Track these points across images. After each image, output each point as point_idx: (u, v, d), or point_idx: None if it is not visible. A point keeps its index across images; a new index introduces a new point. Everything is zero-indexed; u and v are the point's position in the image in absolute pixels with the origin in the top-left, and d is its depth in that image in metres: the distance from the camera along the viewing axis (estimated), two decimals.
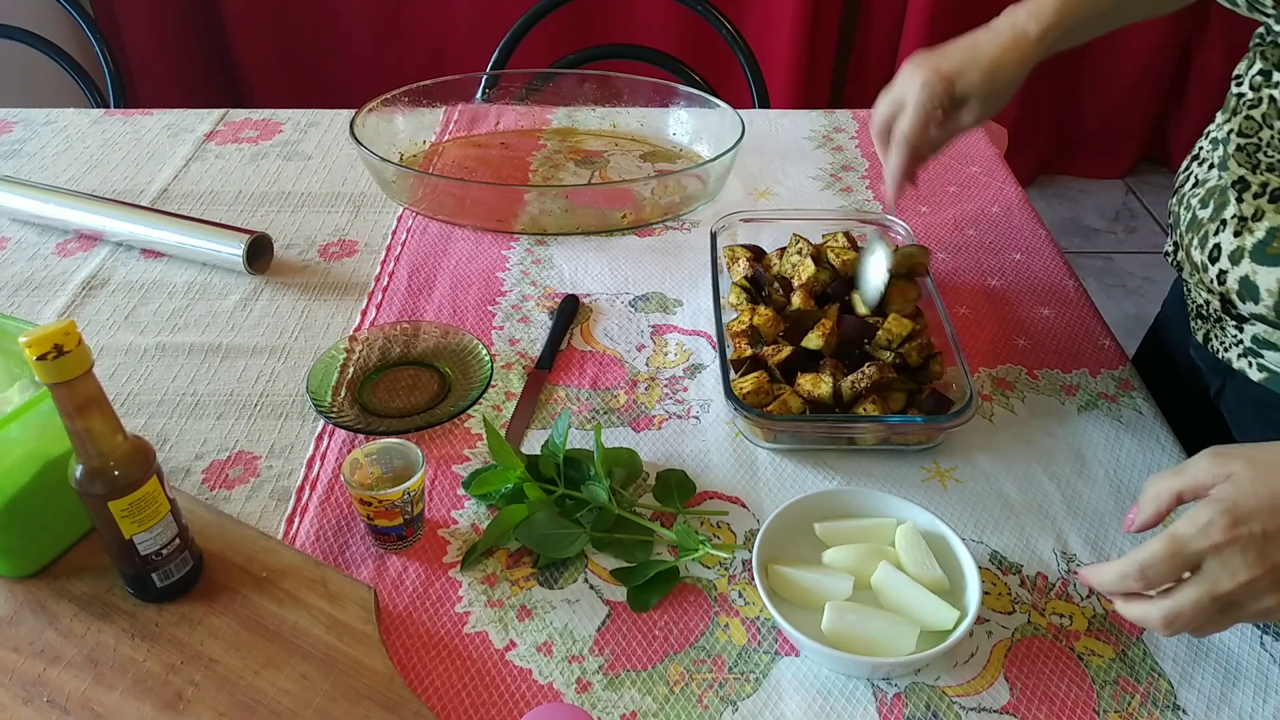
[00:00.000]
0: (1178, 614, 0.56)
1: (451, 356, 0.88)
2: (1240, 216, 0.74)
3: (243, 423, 0.82)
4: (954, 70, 0.78)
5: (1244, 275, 0.73)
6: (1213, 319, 0.82)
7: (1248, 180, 0.74)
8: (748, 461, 0.78)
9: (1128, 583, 0.57)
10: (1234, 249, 0.74)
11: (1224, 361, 0.81)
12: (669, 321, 0.94)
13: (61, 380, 0.55)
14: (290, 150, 1.26)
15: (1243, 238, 0.74)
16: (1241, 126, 0.76)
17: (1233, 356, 0.80)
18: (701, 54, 1.82)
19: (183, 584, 0.66)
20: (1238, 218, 0.74)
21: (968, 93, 0.79)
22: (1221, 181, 0.77)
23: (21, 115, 1.35)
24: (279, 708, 0.59)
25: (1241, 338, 0.79)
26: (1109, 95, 2.70)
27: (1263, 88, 0.74)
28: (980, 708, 0.60)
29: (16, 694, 0.60)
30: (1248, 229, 0.73)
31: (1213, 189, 0.78)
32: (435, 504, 0.75)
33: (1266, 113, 0.73)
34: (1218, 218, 0.76)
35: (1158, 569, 0.56)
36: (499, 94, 1.33)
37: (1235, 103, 0.77)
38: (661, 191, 1.11)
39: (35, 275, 1.01)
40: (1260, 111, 0.74)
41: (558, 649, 0.64)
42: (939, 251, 1.04)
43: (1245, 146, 0.75)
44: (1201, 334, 0.84)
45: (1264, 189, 0.73)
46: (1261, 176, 0.73)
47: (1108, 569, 0.58)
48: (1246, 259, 0.73)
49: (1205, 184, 0.79)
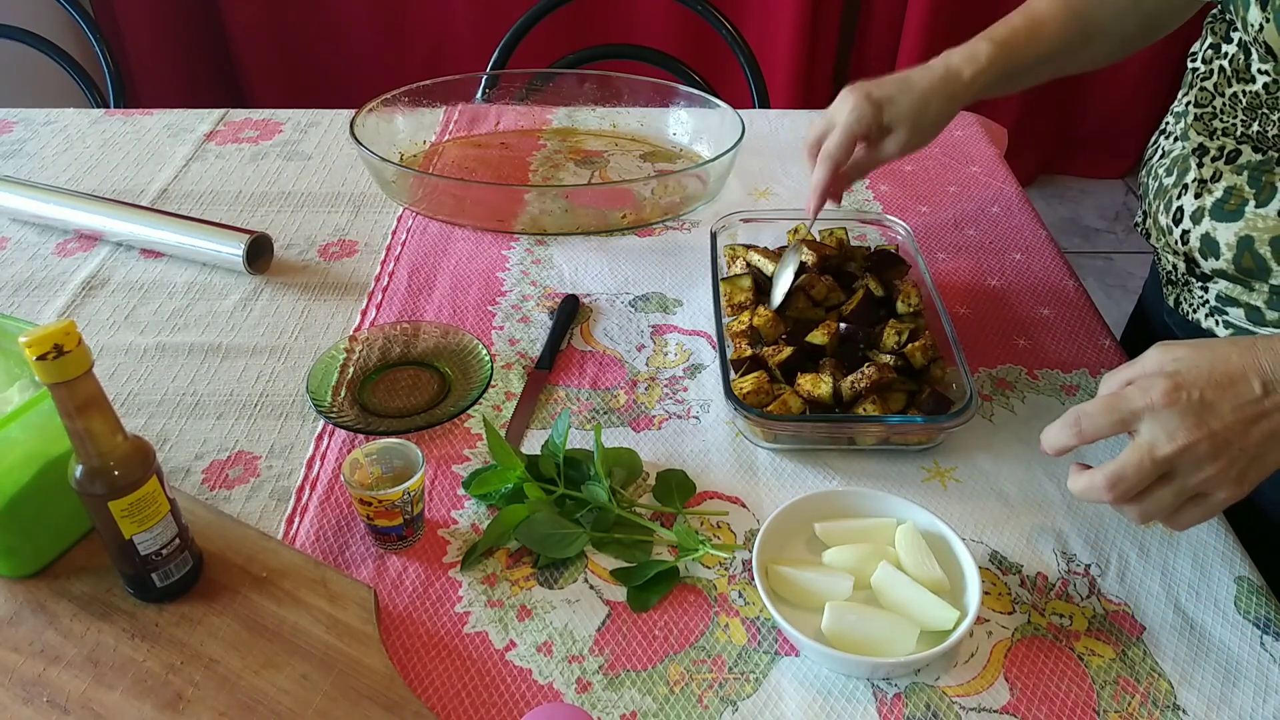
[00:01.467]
0: (1120, 476, 0.58)
1: (451, 356, 0.88)
2: (1200, 179, 0.80)
3: (243, 423, 0.82)
4: (885, 97, 0.83)
5: (1204, 233, 0.79)
6: (1180, 282, 0.87)
7: (1206, 146, 0.80)
8: (748, 461, 0.78)
9: (1066, 433, 0.60)
10: (1195, 209, 0.80)
11: (1194, 323, 0.85)
12: (669, 321, 0.94)
13: (61, 380, 0.55)
14: (290, 150, 1.26)
15: (1203, 198, 0.79)
16: (1197, 98, 0.82)
17: (1200, 317, 0.84)
18: (701, 54, 1.82)
19: (183, 584, 0.65)
20: (1198, 180, 0.80)
21: (895, 121, 0.84)
22: (1183, 150, 0.83)
23: (21, 115, 1.35)
24: (279, 708, 0.59)
25: (1207, 297, 0.83)
26: (1109, 95, 2.70)
27: (1213, 59, 0.80)
28: (980, 708, 0.60)
29: (16, 694, 0.60)
30: (1207, 190, 0.79)
31: (1176, 158, 0.84)
32: (435, 504, 0.75)
33: (1218, 81, 0.79)
34: (1180, 183, 0.82)
35: (1094, 419, 0.59)
36: (499, 94, 1.33)
37: (1191, 77, 0.84)
38: (661, 191, 1.11)
39: (35, 275, 1.01)
40: (1212, 81, 0.80)
41: (558, 649, 0.64)
42: (939, 251, 1.04)
43: (1202, 115, 0.81)
44: (1172, 299, 0.89)
45: (1221, 152, 0.79)
46: (1218, 141, 0.79)
47: (1052, 426, 0.62)
48: (1206, 217, 0.78)
49: (1170, 154, 0.85)
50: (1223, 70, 0.79)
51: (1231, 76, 0.77)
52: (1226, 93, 0.78)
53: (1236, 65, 0.77)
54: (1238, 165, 0.77)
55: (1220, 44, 0.79)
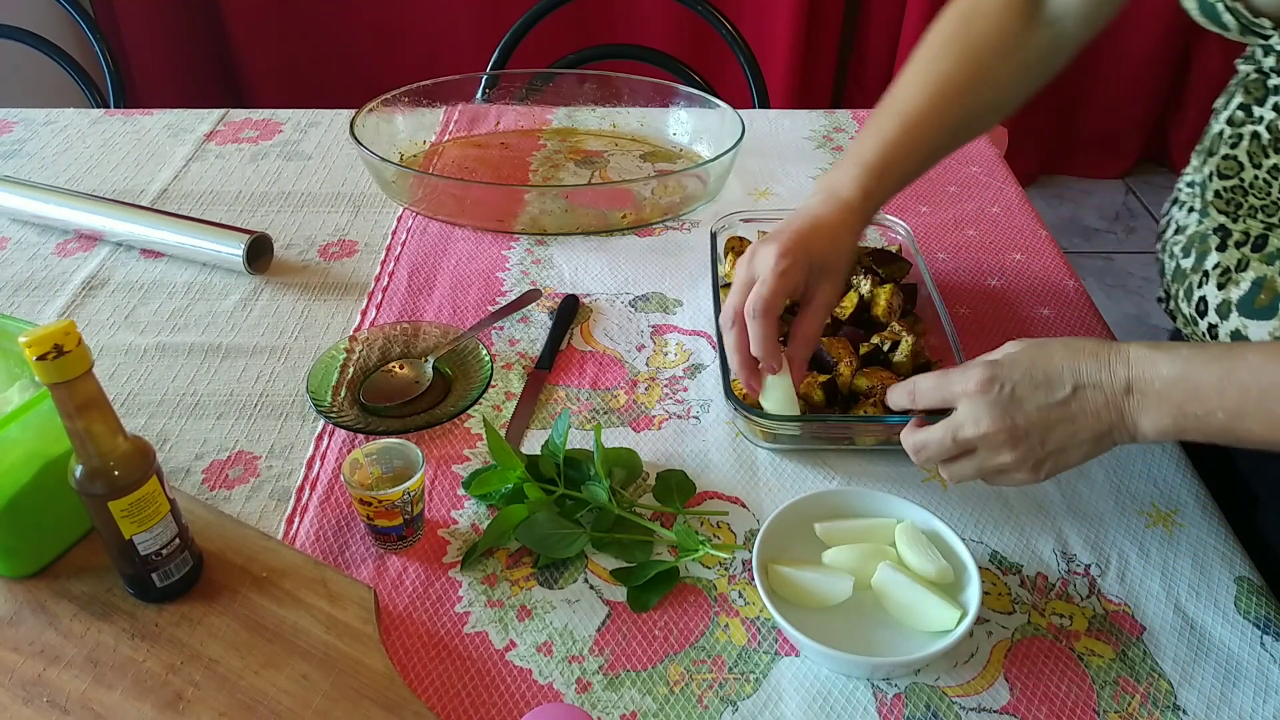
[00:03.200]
0: (924, 444, 0.65)
1: (451, 356, 0.88)
2: (1223, 267, 0.72)
3: (243, 423, 0.82)
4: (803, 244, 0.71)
5: (1234, 329, 0.71)
6: None
7: (1228, 228, 0.72)
8: (748, 461, 0.78)
9: (903, 398, 0.68)
10: (1220, 302, 0.72)
11: None
12: (669, 321, 0.94)
13: (61, 380, 0.55)
14: (290, 150, 1.26)
15: (1228, 290, 0.72)
16: (1220, 167, 0.72)
17: None
18: (701, 54, 1.82)
19: (183, 584, 0.65)
20: (1220, 268, 0.72)
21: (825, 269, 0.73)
22: (1201, 228, 0.75)
23: (21, 115, 1.35)
24: (279, 708, 0.59)
25: None
26: (1109, 95, 2.70)
27: (1244, 123, 0.70)
28: (980, 708, 0.60)
29: (16, 694, 0.60)
30: (1232, 280, 0.71)
31: (1193, 236, 0.76)
32: (435, 504, 0.75)
33: (1251, 150, 0.69)
34: (1200, 268, 0.74)
35: (925, 392, 0.66)
36: (499, 94, 1.33)
37: (1213, 142, 0.73)
38: (661, 191, 1.11)
39: (35, 275, 1.01)
40: (1243, 149, 0.70)
41: (558, 649, 0.64)
42: (939, 251, 1.04)
43: (1225, 191, 0.72)
44: None
45: (1246, 237, 0.71)
46: (1243, 224, 0.71)
47: (896, 386, 0.69)
48: (1234, 313, 0.71)
49: (1185, 230, 0.77)
50: (1257, 138, 0.68)
51: (1269, 146, 0.68)
52: (1264, 164, 0.68)
53: (1275, 132, 0.67)
54: (1266, 254, 0.69)
55: (1252, 106, 0.69)
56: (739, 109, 1.18)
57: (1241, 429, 0.57)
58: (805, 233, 0.72)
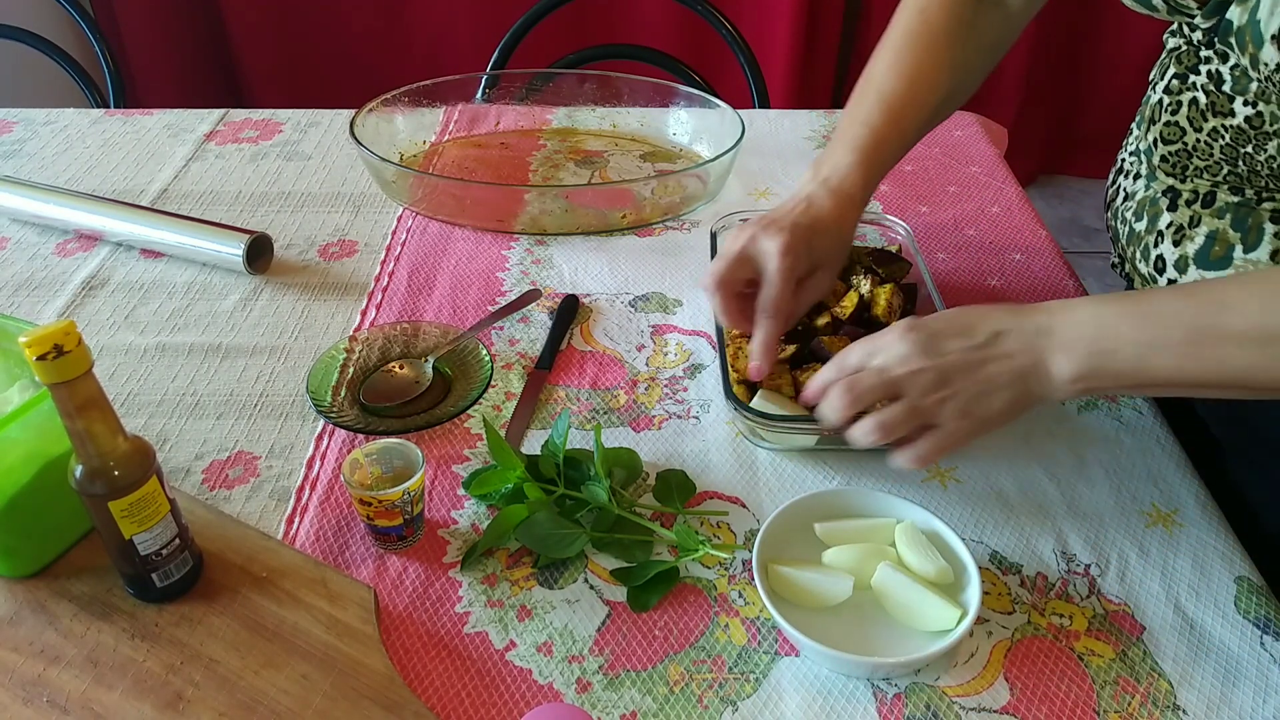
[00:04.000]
0: (853, 383, 0.65)
1: (451, 356, 0.88)
2: (1176, 225, 0.75)
3: (243, 423, 0.82)
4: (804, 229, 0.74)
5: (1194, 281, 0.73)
6: None
7: (1177, 189, 0.75)
8: (748, 461, 0.78)
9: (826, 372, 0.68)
10: (1178, 258, 0.75)
11: None
12: (669, 321, 0.94)
13: (61, 380, 0.55)
14: (290, 150, 1.26)
15: (1183, 246, 0.74)
16: (1163, 134, 0.76)
17: None
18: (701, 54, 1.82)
19: (183, 584, 0.65)
20: (1174, 226, 0.75)
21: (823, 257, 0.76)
22: (1150, 192, 0.78)
23: (21, 115, 1.35)
24: (279, 708, 0.59)
25: None
26: (1109, 95, 2.70)
27: (1181, 91, 0.74)
28: (980, 708, 0.60)
29: (16, 694, 0.60)
30: (1187, 237, 0.74)
31: (1142, 200, 0.79)
32: (435, 504, 0.75)
33: (1191, 115, 0.73)
34: (1153, 229, 0.77)
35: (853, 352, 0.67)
36: (499, 94, 1.33)
37: (1153, 110, 0.77)
38: (661, 191, 1.11)
39: (35, 275, 1.01)
40: (1183, 115, 0.74)
41: (558, 649, 0.64)
42: (939, 251, 1.04)
43: (1170, 155, 0.75)
44: None
45: (1195, 195, 0.74)
46: (1190, 184, 0.74)
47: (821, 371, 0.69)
48: (1192, 267, 0.74)
49: (1134, 196, 0.80)
50: (1195, 104, 0.72)
51: (1207, 110, 0.71)
52: (1204, 127, 0.71)
53: (1212, 97, 0.70)
54: (1216, 209, 0.72)
55: (1187, 74, 0.73)
56: (739, 109, 1.18)
57: (1154, 365, 0.59)
58: (807, 229, 0.74)
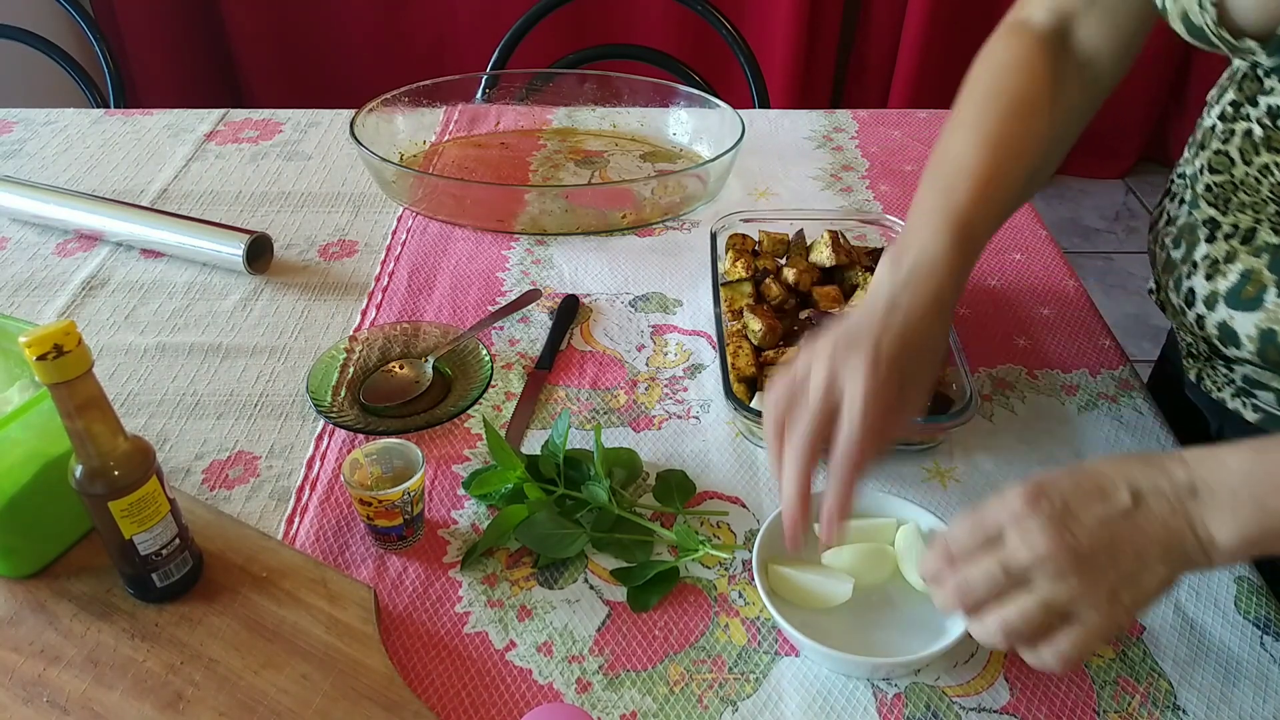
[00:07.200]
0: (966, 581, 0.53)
1: (451, 356, 0.88)
2: (1212, 259, 0.70)
3: (243, 423, 0.82)
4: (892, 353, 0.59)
5: (1221, 320, 0.70)
6: (1203, 358, 0.79)
7: (1217, 220, 0.70)
8: (748, 461, 0.78)
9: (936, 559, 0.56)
10: (1208, 294, 0.70)
11: (1218, 401, 0.78)
12: (669, 321, 0.94)
13: (61, 380, 0.55)
14: (290, 150, 1.26)
15: (1215, 281, 0.70)
16: (1211, 162, 0.70)
17: (1226, 396, 0.77)
18: (701, 54, 1.82)
19: (183, 584, 0.65)
20: (1209, 259, 0.71)
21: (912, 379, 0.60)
22: (1191, 219, 0.73)
23: (21, 115, 1.35)
24: (279, 708, 0.59)
25: (1233, 377, 0.76)
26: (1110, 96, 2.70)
27: (1236, 120, 0.68)
28: (980, 708, 0.60)
29: (16, 694, 0.60)
30: (1220, 272, 0.69)
31: (1183, 227, 0.74)
32: (435, 504, 0.75)
33: (1242, 147, 0.67)
34: (1189, 259, 0.73)
35: (959, 537, 0.55)
36: (499, 94, 1.33)
37: (1205, 135, 0.72)
38: (661, 191, 1.11)
39: (35, 275, 1.01)
40: (1234, 146, 0.68)
41: (558, 649, 0.64)
42: None
43: (1215, 185, 0.70)
44: (1194, 373, 0.80)
45: (1235, 229, 0.69)
46: (1232, 217, 0.69)
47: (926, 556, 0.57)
48: (1221, 304, 0.70)
49: (1176, 221, 0.76)
50: (1249, 134, 0.67)
51: (1260, 144, 0.66)
52: (1255, 161, 0.66)
53: (1269, 131, 0.65)
54: (1254, 247, 0.67)
55: (1243, 104, 0.67)
56: (739, 109, 1.18)
57: None
58: (898, 351, 0.59)
